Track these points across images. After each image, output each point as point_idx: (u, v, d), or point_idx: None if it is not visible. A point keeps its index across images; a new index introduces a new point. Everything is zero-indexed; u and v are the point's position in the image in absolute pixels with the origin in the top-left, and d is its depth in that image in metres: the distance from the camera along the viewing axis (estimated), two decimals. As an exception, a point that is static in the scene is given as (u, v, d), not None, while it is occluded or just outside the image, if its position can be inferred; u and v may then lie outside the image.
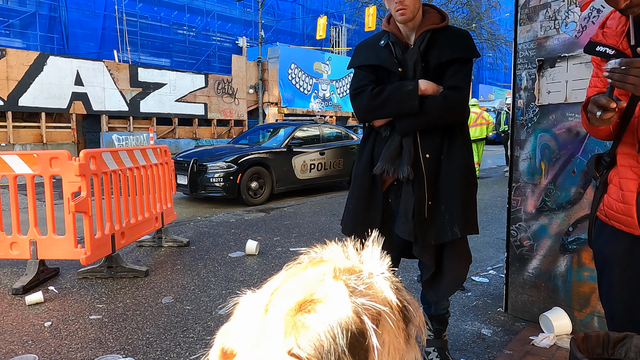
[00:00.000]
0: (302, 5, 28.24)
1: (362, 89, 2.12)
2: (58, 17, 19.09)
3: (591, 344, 1.40)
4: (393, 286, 0.53)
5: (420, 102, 2.01)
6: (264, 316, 0.50)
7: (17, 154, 3.74)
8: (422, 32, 2.06)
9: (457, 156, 2.08)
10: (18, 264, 4.18)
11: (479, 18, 28.71)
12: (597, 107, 1.41)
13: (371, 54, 2.17)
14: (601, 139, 1.72)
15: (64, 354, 2.63)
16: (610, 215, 1.57)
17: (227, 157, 7.88)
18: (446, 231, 2.05)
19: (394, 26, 2.12)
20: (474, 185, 2.18)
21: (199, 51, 23.47)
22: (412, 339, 0.55)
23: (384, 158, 2.10)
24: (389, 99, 2.05)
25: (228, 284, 3.80)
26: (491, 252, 4.75)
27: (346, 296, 0.48)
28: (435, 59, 2.06)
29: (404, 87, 2.03)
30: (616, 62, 1.36)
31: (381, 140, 2.16)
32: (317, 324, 0.46)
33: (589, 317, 2.69)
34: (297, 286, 0.51)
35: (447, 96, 2.02)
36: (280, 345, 0.46)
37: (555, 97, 2.78)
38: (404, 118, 2.07)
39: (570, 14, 2.68)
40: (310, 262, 0.57)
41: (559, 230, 2.81)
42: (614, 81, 1.36)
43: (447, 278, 2.16)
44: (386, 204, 2.18)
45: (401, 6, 1.99)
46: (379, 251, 0.57)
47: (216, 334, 0.55)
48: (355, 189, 2.23)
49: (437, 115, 2.03)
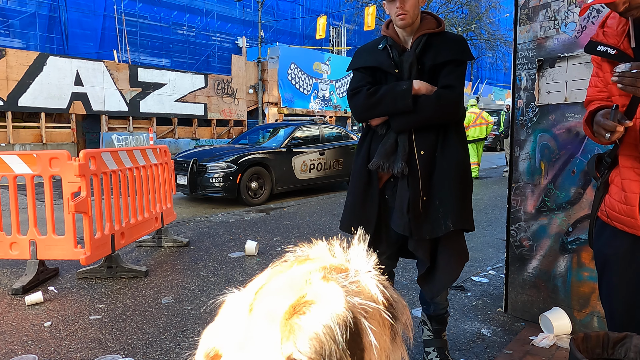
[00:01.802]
0: (302, 5, 28.23)
1: (359, 89, 2.21)
2: (58, 17, 19.08)
3: (591, 344, 1.40)
4: (379, 284, 0.52)
5: (414, 100, 2.09)
6: (248, 316, 0.49)
7: (17, 154, 3.74)
8: (419, 36, 2.16)
9: (451, 153, 2.14)
10: (18, 264, 4.18)
11: (478, 18, 28.74)
12: (604, 130, 1.41)
13: (370, 56, 2.27)
14: (605, 145, 1.73)
15: (64, 354, 2.63)
16: (612, 216, 1.57)
17: (226, 157, 7.88)
18: (440, 225, 2.10)
19: (392, 31, 2.23)
20: (469, 182, 2.22)
21: (198, 51, 23.45)
22: (398, 337, 0.54)
23: (379, 154, 2.18)
24: (383, 98, 2.13)
25: (228, 284, 3.80)
26: (491, 252, 4.75)
27: (342, 296, 0.47)
28: (430, 61, 2.14)
29: (398, 87, 2.12)
30: (626, 66, 1.34)
31: (378, 138, 2.24)
32: (314, 325, 0.45)
33: (588, 317, 2.69)
34: (283, 285, 0.50)
35: (441, 95, 2.09)
36: (277, 351, 0.45)
37: (555, 97, 2.79)
38: (399, 116, 2.14)
39: (570, 14, 2.68)
40: (296, 260, 0.56)
41: (559, 231, 2.82)
42: (625, 85, 1.34)
43: (440, 273, 2.19)
44: (382, 200, 2.23)
45: (402, 11, 2.08)
46: (365, 249, 0.56)
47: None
48: (352, 185, 2.31)
49: (431, 113, 2.10)
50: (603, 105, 1.56)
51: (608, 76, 1.51)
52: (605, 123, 1.41)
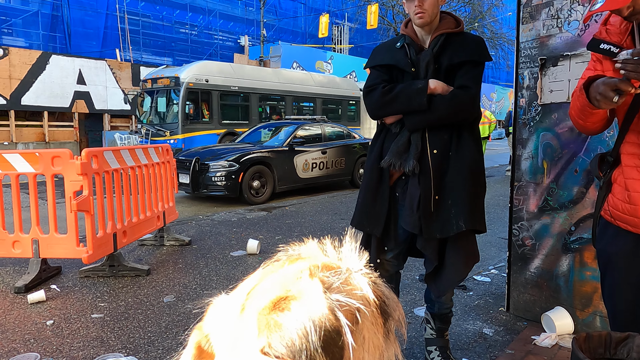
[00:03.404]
0: (304, 3, 28.21)
1: (375, 87, 2.22)
2: (60, 16, 19.11)
3: (593, 343, 1.40)
4: (371, 282, 0.52)
5: (429, 100, 2.09)
6: (240, 315, 0.49)
7: (20, 153, 3.75)
8: (437, 36, 2.15)
9: (465, 153, 2.13)
10: (20, 263, 4.19)
11: (481, 17, 28.65)
12: (613, 92, 1.38)
13: (387, 54, 2.27)
14: (588, 132, 1.69)
15: (66, 352, 2.64)
16: (616, 215, 1.56)
17: (229, 156, 7.88)
18: (452, 225, 2.09)
19: (410, 30, 2.22)
20: (482, 183, 2.22)
21: (201, 50, 23.46)
22: (391, 334, 0.54)
23: (391, 152, 2.18)
24: (399, 96, 2.13)
25: (229, 283, 3.81)
26: (493, 252, 4.74)
27: (320, 293, 0.47)
28: (447, 61, 2.13)
29: (413, 85, 2.12)
30: (628, 52, 1.35)
31: (391, 137, 2.24)
32: (289, 322, 0.45)
33: (591, 316, 2.69)
34: (273, 284, 0.50)
35: (456, 95, 2.09)
36: (254, 345, 0.45)
37: (557, 96, 2.77)
38: (413, 115, 2.14)
39: (573, 12, 2.67)
40: (287, 260, 0.56)
41: (561, 230, 2.81)
42: (628, 72, 1.34)
43: (448, 272, 2.19)
44: (393, 197, 2.24)
45: (420, 10, 2.08)
46: (357, 248, 0.56)
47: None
48: (364, 182, 2.32)
49: (445, 113, 2.10)
50: (601, 75, 1.52)
51: (609, 73, 1.50)
52: (618, 83, 1.35)
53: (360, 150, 9.93)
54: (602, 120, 1.58)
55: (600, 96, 1.42)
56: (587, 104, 1.49)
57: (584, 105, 1.52)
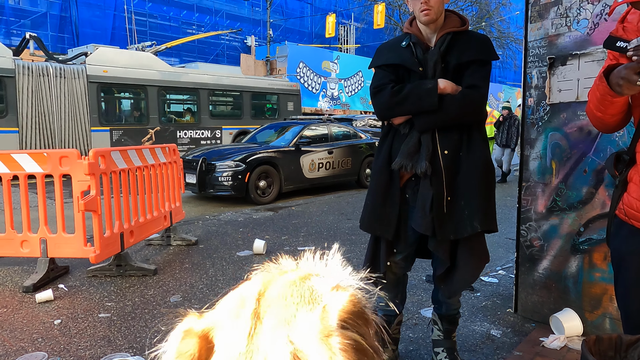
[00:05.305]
0: (311, 4, 28.21)
1: (383, 87, 2.19)
2: (69, 17, 19.25)
3: (603, 346, 1.38)
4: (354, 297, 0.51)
5: (439, 100, 2.07)
6: (258, 323, 0.49)
7: (28, 153, 3.77)
8: (443, 34, 2.13)
9: (476, 153, 2.12)
10: (28, 262, 4.22)
11: (488, 16, 28.52)
12: (637, 74, 1.35)
13: (393, 54, 2.24)
14: (606, 127, 1.67)
15: (73, 351, 2.65)
16: (630, 214, 1.54)
17: (235, 156, 7.89)
18: (465, 226, 2.08)
19: (415, 28, 2.20)
20: (492, 182, 2.21)
21: (207, 50, 23.52)
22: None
23: (402, 154, 2.16)
24: (408, 97, 2.11)
25: (236, 283, 3.80)
26: (501, 252, 4.71)
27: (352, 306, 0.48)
28: (455, 60, 2.11)
29: (423, 85, 2.09)
30: (639, 40, 1.33)
31: (400, 138, 2.22)
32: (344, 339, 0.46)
33: (600, 318, 2.66)
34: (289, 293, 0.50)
35: (466, 94, 2.08)
36: None
37: (566, 96, 2.75)
38: (423, 115, 2.12)
39: (582, 11, 2.64)
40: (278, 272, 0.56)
41: (570, 231, 2.78)
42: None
43: (460, 273, 2.18)
44: (403, 199, 2.21)
45: (426, 7, 2.06)
46: (340, 259, 0.54)
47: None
48: (372, 184, 2.29)
49: (455, 113, 2.08)
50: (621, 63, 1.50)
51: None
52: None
53: (366, 150, 9.91)
54: (622, 112, 1.55)
55: (623, 80, 1.39)
56: (607, 92, 1.46)
57: (604, 94, 1.48)
